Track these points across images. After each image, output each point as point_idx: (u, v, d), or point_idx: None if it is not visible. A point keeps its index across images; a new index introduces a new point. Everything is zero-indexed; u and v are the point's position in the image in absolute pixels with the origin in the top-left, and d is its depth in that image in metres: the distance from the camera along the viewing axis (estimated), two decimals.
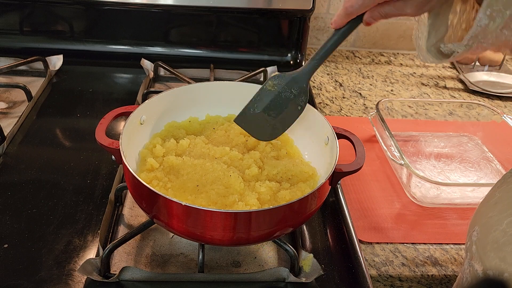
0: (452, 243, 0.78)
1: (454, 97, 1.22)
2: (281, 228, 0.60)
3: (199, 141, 0.74)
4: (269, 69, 1.16)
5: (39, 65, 1.10)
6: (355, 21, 0.57)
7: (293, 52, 1.23)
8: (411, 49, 1.43)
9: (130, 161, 0.64)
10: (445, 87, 1.26)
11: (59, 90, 1.07)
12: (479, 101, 1.16)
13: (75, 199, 0.76)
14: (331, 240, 0.73)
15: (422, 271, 0.73)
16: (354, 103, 1.16)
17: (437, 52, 0.56)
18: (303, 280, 0.64)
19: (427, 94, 1.22)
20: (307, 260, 0.66)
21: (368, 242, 0.77)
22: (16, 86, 0.99)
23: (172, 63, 1.12)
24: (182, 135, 0.77)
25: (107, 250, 0.63)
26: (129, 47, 1.20)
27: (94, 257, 0.65)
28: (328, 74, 1.29)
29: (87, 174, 0.81)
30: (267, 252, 0.70)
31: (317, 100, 1.15)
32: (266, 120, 0.68)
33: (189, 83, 1.03)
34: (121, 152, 0.63)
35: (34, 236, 0.68)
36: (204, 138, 0.76)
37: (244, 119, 0.69)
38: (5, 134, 0.87)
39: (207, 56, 1.21)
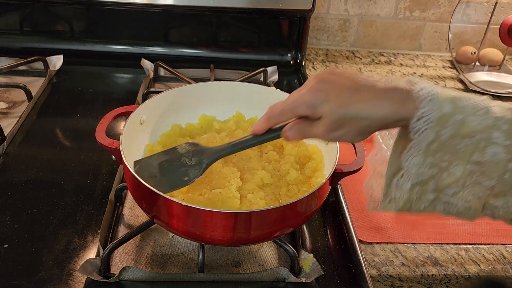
0: (452, 243, 0.78)
1: None
2: (281, 228, 0.60)
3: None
4: (269, 69, 1.16)
5: (39, 65, 1.10)
6: (274, 133, 0.57)
7: (293, 52, 1.23)
8: (411, 49, 1.43)
9: (130, 161, 0.64)
10: (445, 87, 1.25)
11: (59, 90, 1.06)
12: None
13: (75, 199, 0.76)
14: (331, 240, 0.73)
15: (422, 271, 0.73)
16: None
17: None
18: (303, 280, 0.64)
19: None
20: (307, 260, 0.66)
21: (368, 242, 0.77)
22: (16, 86, 0.99)
23: (172, 63, 1.12)
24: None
25: (107, 250, 0.63)
26: (129, 47, 1.20)
27: (94, 257, 0.65)
28: None
29: (87, 174, 0.81)
30: (267, 252, 0.70)
31: None
32: (156, 173, 0.65)
33: (189, 83, 1.02)
34: (121, 152, 0.63)
35: (34, 236, 0.68)
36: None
37: (143, 165, 0.66)
38: (5, 134, 0.87)
39: (207, 56, 1.21)
